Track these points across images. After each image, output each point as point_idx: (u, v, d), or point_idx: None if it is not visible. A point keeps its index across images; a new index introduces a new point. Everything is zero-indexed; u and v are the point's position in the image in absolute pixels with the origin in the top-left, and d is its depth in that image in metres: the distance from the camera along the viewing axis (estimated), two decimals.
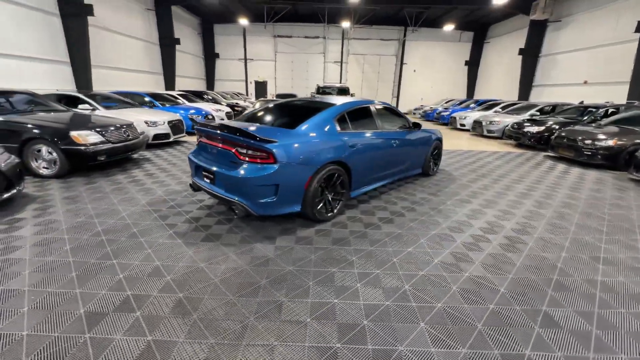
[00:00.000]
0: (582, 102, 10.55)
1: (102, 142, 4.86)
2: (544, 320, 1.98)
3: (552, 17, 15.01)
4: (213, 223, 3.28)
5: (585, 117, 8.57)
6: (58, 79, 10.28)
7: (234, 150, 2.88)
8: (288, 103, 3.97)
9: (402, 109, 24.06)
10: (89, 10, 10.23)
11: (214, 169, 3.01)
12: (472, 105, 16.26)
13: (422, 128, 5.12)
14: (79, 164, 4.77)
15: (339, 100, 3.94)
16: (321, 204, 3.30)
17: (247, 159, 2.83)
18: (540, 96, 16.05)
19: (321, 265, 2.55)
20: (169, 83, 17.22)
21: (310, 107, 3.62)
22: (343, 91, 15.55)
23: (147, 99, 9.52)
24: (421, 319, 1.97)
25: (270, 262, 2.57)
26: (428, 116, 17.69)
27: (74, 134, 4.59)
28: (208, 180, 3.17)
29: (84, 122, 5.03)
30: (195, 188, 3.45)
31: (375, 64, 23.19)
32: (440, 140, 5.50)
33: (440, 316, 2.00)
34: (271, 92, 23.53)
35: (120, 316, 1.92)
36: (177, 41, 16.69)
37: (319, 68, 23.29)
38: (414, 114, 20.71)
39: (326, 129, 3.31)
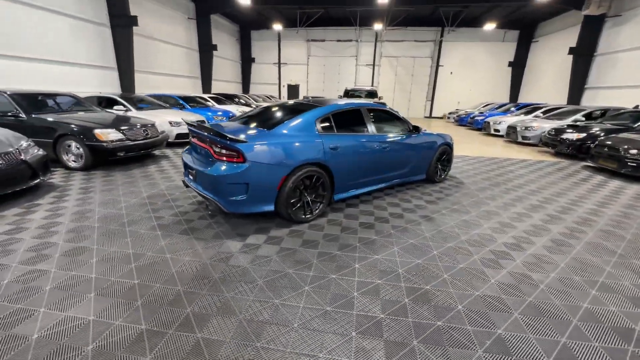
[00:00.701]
0: (637, 107, 9.26)
1: (121, 140, 5.34)
2: (493, 345, 1.79)
3: (611, 12, 13.39)
4: (197, 217, 3.44)
5: (639, 124, 7.51)
6: (107, 83, 11.49)
7: (210, 149, 3.02)
8: (280, 105, 4.03)
9: (436, 112, 23.07)
10: (133, 21, 11.31)
11: (195, 166, 3.17)
12: (512, 109, 15.09)
13: (426, 132, 4.90)
14: (101, 159, 5.30)
15: (330, 102, 3.90)
16: (299, 205, 3.31)
17: (220, 157, 2.94)
18: (594, 100, 14.37)
19: (279, 265, 2.56)
20: (206, 86, 18.35)
21: (296, 109, 3.65)
22: (371, 94, 15.37)
23: (178, 101, 10.26)
24: (356, 328, 1.89)
25: (232, 259, 2.64)
26: (462, 121, 16.75)
27: (97, 131, 5.11)
28: (192, 178, 3.34)
29: (108, 122, 5.57)
30: (186, 185, 3.65)
31: (409, 67, 22.52)
32: (449, 145, 5.20)
33: (377, 327, 1.90)
34: (304, 95, 23.95)
35: (77, 296, 2.11)
36: (215, 47, 17.74)
37: (350, 71, 23.22)
38: (448, 118, 19.74)
39: (305, 131, 3.31)
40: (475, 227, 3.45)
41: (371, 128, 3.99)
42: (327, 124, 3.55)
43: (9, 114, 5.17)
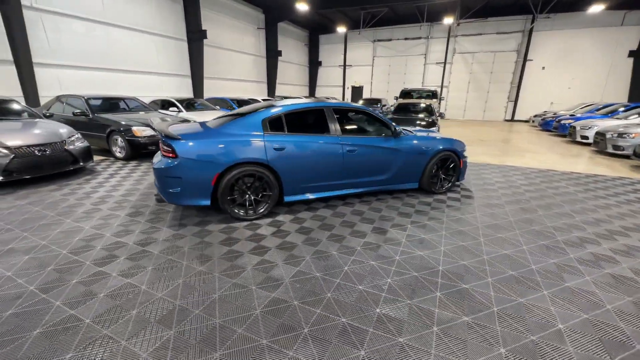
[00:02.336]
0: None
1: (152, 135, 6.30)
2: None
3: None
4: (171, 208, 3.83)
5: None
6: (182, 89, 13.59)
7: (160, 146, 3.35)
8: (251, 106, 4.15)
9: (520, 115, 19.75)
10: (204, 34, 13.07)
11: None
12: (620, 109, 11.84)
13: (418, 135, 4.36)
14: (137, 151, 6.35)
15: (291, 103, 3.81)
16: (239, 203, 3.38)
17: (164, 153, 3.24)
18: None
19: (182, 257, 2.69)
20: (271, 90, 19.82)
21: (255, 109, 3.71)
22: (432, 95, 14.20)
23: (230, 103, 11.42)
24: (219, 347, 1.89)
25: (151, 245, 2.89)
26: (546, 125, 13.98)
27: (134, 128, 6.15)
28: None
29: (146, 121, 6.63)
30: None
31: (488, 63, 19.84)
32: (455, 152, 4.47)
33: (239, 343, 1.86)
34: (277, 96, 23.56)
35: (36, 272, 2.65)
36: (279, 53, 19.02)
37: (418, 70, 21.81)
38: (533, 122, 16.72)
39: (247, 131, 3.36)
40: (404, 248, 2.93)
41: (335, 129, 3.77)
42: (278, 124, 3.51)
43: (81, 113, 6.64)
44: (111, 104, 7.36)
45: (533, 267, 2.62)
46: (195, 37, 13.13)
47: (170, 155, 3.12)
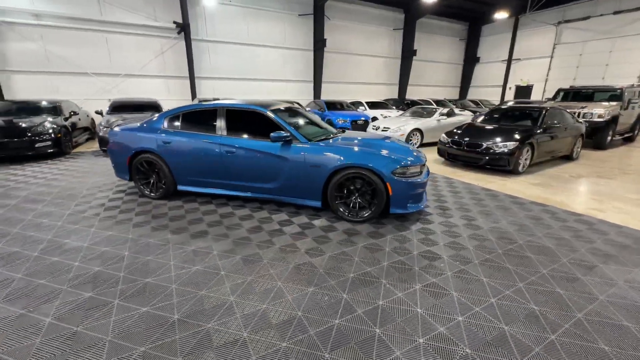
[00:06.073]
0: None
1: None
2: None
3: None
4: None
5: None
6: (303, 93, 15.74)
7: None
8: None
9: None
10: (324, 43, 14.47)
11: None
12: None
13: (322, 145, 3.63)
14: None
15: (213, 103, 4.18)
16: (147, 183, 4.29)
17: None
18: None
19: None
20: (402, 91, 18.94)
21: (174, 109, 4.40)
22: (613, 96, 9.35)
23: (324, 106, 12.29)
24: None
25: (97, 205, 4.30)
26: None
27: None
28: None
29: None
30: None
31: None
32: (373, 171, 3.37)
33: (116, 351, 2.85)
34: (548, 98, 17.93)
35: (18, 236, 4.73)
36: (414, 53, 17.76)
37: (634, 57, 14.22)
38: None
39: (153, 126, 4.13)
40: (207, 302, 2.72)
41: (221, 129, 3.87)
42: (175, 122, 4.08)
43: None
44: (132, 107, 8.81)
45: None
46: (318, 46, 14.78)
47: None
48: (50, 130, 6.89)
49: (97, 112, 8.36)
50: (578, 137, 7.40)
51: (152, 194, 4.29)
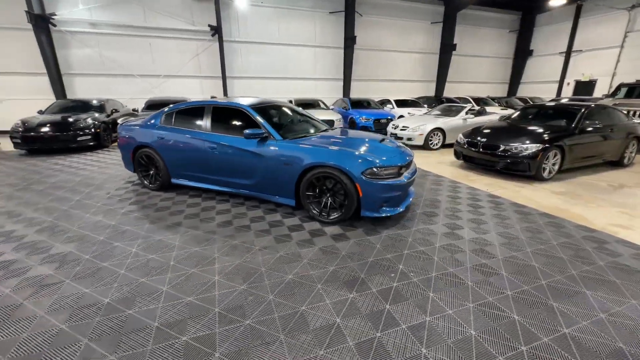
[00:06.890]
0: None
1: None
2: None
3: None
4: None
5: None
6: (333, 90, 15.64)
7: None
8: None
9: None
10: (354, 40, 14.23)
11: None
12: None
13: (295, 142, 3.60)
14: None
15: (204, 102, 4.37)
16: (147, 174, 4.64)
17: None
18: None
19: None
20: (440, 89, 17.84)
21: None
22: None
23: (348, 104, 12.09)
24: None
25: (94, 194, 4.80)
26: None
27: None
28: None
29: None
30: None
31: None
32: (342, 170, 3.25)
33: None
34: (608, 95, 15.67)
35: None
36: (454, 47, 16.58)
37: None
38: None
39: (153, 122, 4.44)
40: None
41: (206, 126, 4.03)
42: (170, 118, 4.34)
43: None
44: (161, 104, 10.11)
45: None
46: (348, 44, 14.57)
47: None
48: (91, 126, 7.81)
49: (133, 110, 9.24)
50: (632, 141, 6.30)
51: (151, 185, 4.63)
